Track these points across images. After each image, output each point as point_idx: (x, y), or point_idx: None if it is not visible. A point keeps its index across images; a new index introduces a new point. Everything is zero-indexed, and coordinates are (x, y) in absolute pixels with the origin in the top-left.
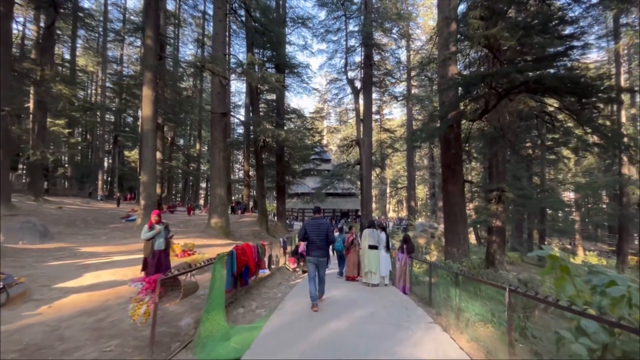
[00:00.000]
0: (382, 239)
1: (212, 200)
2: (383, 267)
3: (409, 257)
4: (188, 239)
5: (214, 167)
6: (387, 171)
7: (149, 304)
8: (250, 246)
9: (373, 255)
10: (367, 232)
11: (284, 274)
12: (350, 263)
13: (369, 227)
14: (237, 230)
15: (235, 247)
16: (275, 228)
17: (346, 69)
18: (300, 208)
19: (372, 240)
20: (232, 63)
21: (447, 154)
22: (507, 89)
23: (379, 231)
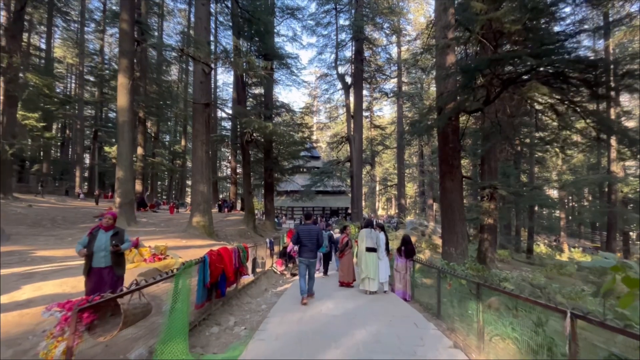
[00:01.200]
0: (381, 241)
1: (194, 198)
2: (382, 272)
3: (410, 261)
4: (166, 239)
5: (196, 162)
6: (376, 169)
7: (70, 340)
8: (229, 250)
9: (371, 259)
10: (364, 233)
11: (271, 278)
12: (344, 267)
13: (366, 226)
14: (222, 230)
15: (209, 253)
16: (263, 227)
17: (336, 63)
18: (289, 206)
19: (370, 242)
20: (218, 52)
21: (445, 148)
22: (514, 76)
23: (377, 231)
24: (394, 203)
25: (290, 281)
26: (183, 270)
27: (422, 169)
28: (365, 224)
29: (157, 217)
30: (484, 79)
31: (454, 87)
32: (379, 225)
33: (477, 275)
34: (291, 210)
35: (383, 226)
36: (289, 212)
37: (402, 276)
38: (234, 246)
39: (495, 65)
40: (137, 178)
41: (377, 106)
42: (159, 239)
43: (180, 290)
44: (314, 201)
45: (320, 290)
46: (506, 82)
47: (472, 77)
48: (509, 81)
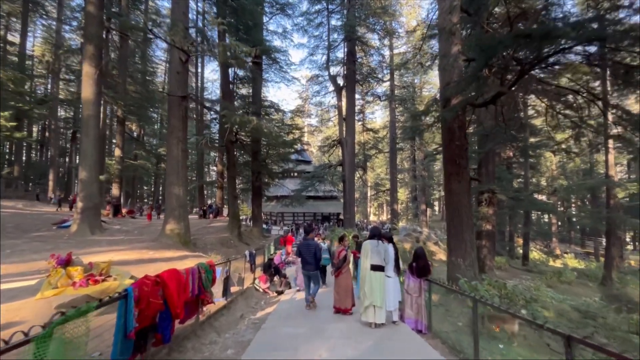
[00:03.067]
0: (389, 256)
1: (168, 202)
2: (391, 297)
3: (425, 281)
4: (129, 251)
5: (171, 162)
6: (368, 174)
7: None
8: (179, 274)
9: (377, 280)
10: (368, 246)
11: (250, 299)
12: (341, 289)
13: (371, 237)
14: (202, 238)
15: (140, 282)
16: (249, 234)
17: (328, 64)
18: (279, 212)
19: (377, 258)
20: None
21: (450, 146)
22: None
23: (385, 243)
24: (386, 209)
25: (275, 301)
26: (52, 328)
27: (415, 173)
28: (370, 233)
29: (133, 223)
30: (498, 65)
31: (460, 78)
32: (386, 235)
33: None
34: (281, 216)
35: (391, 237)
36: (279, 217)
37: (414, 300)
38: (195, 266)
39: (520, 44)
40: (115, 181)
41: (369, 110)
42: (121, 251)
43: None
44: (305, 206)
45: (309, 319)
46: (526, 68)
47: (490, 57)
48: (532, 63)
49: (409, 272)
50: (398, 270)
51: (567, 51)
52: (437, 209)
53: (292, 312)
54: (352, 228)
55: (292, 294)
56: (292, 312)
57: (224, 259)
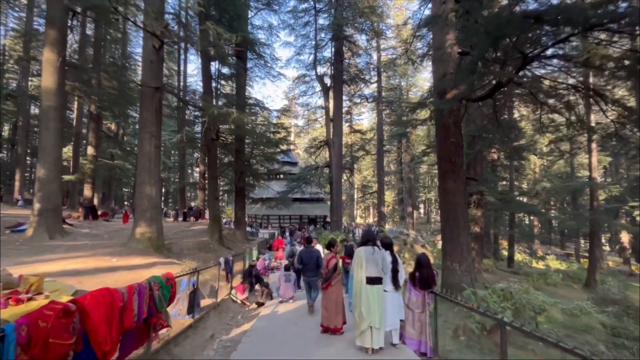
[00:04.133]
0: (387, 265)
1: (138, 203)
2: (390, 315)
3: (429, 294)
4: (90, 258)
5: (142, 159)
6: (355, 177)
7: None
8: (114, 296)
9: (374, 295)
10: (362, 254)
11: (225, 314)
12: (330, 304)
13: (364, 243)
14: (178, 242)
15: (34, 314)
16: (232, 238)
17: (315, 64)
18: (264, 214)
19: (374, 269)
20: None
21: (445, 143)
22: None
23: (382, 251)
24: (372, 211)
25: (254, 315)
26: None
27: (401, 176)
28: (363, 238)
29: (106, 227)
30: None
31: (456, 70)
32: (385, 241)
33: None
34: (267, 219)
35: (390, 242)
36: (264, 220)
37: (417, 317)
38: (144, 281)
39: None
40: (87, 182)
41: (356, 112)
42: (79, 258)
43: None
44: (291, 209)
45: (292, 341)
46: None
47: (496, 39)
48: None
49: (411, 284)
50: (396, 284)
51: (581, 35)
52: (422, 211)
53: (273, 331)
54: (340, 231)
55: (274, 306)
56: (273, 331)
57: (197, 267)
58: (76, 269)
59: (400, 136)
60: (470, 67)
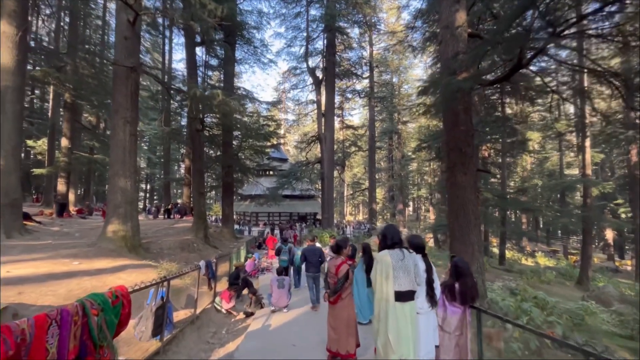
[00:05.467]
0: (420, 274)
1: (110, 197)
2: (425, 342)
3: (468, 310)
4: (48, 260)
5: (115, 148)
6: (345, 174)
7: None
8: (7, 334)
9: (408, 318)
10: (389, 259)
11: (206, 329)
12: (340, 324)
13: (392, 245)
14: (158, 242)
15: None
16: (219, 236)
17: (307, 56)
18: (253, 212)
19: (405, 280)
20: None
21: (454, 131)
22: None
23: (412, 254)
24: (362, 209)
25: (242, 328)
26: None
27: (392, 173)
28: (387, 238)
29: (81, 224)
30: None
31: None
32: (414, 242)
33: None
34: (255, 216)
35: (422, 244)
36: (253, 217)
37: (455, 341)
38: (75, 303)
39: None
40: (61, 176)
41: (348, 107)
42: (33, 261)
43: None
44: (281, 206)
45: None
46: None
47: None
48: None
49: (446, 298)
50: (433, 300)
51: None
52: (411, 209)
53: (265, 355)
54: (331, 228)
55: (265, 317)
56: (265, 355)
57: (168, 275)
58: (22, 275)
59: (391, 133)
60: (497, 37)
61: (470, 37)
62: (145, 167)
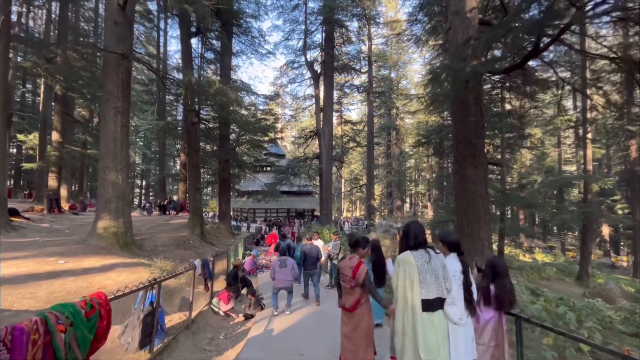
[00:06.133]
0: (450, 278)
1: (101, 192)
2: (462, 355)
3: (504, 315)
4: (33, 259)
5: (106, 139)
6: (343, 170)
7: None
8: None
9: (439, 329)
10: (413, 261)
11: (202, 334)
12: (357, 334)
13: (415, 246)
14: (153, 238)
15: None
16: (216, 232)
17: (305, 50)
18: (250, 208)
19: (433, 287)
20: None
21: (464, 122)
22: None
23: (439, 255)
24: (359, 205)
25: (241, 333)
26: None
27: (390, 169)
28: (410, 238)
29: (73, 221)
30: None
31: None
32: (447, 239)
33: None
34: (253, 212)
35: (457, 242)
36: (250, 214)
37: (490, 354)
38: (33, 319)
39: None
40: (52, 171)
41: (346, 101)
42: (17, 259)
43: None
44: (278, 202)
45: None
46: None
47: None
48: None
49: (480, 304)
50: (472, 308)
51: None
52: (407, 205)
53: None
54: (330, 224)
55: (267, 320)
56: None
57: (159, 278)
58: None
59: (389, 129)
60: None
61: (482, 24)
62: (140, 162)
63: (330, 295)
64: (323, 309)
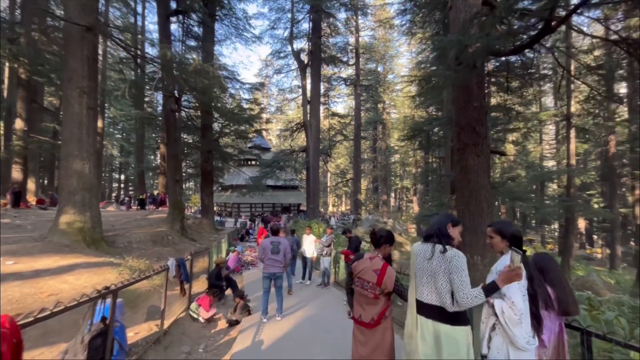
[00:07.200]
0: (461, 287)
1: (64, 183)
2: None
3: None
4: None
5: (69, 123)
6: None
7: None
8: None
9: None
10: (414, 252)
11: (177, 347)
12: (380, 352)
13: (425, 237)
14: (126, 235)
15: None
16: (198, 228)
17: (291, 39)
18: (235, 202)
19: (427, 289)
20: None
21: (466, 108)
22: None
23: (455, 255)
24: (345, 200)
25: (225, 344)
26: None
27: (376, 163)
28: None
29: (39, 216)
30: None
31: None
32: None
33: None
34: (237, 207)
35: (519, 235)
36: (234, 209)
37: None
38: None
39: None
40: (16, 162)
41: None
42: None
43: None
44: (263, 197)
45: None
46: None
47: None
48: None
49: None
50: (540, 324)
51: None
52: (392, 200)
53: None
54: (317, 219)
55: (256, 328)
56: None
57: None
58: None
59: (375, 123)
60: None
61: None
62: (118, 155)
63: (321, 296)
64: (317, 313)
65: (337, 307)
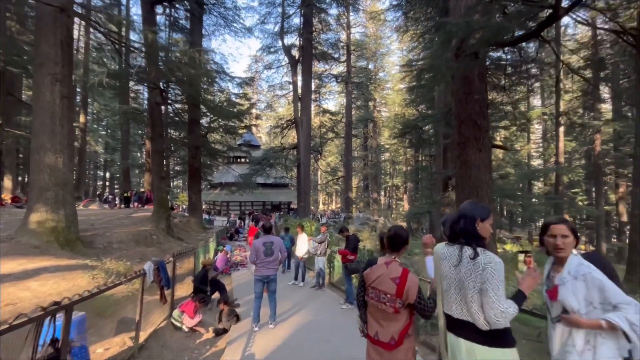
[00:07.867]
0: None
1: (35, 178)
2: None
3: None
4: None
5: (40, 113)
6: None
7: None
8: None
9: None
10: (438, 255)
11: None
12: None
13: (451, 237)
14: (107, 234)
15: None
16: (185, 226)
17: (282, 34)
18: (224, 201)
19: (455, 301)
20: None
21: (467, 100)
22: None
23: (488, 262)
24: (335, 198)
25: (211, 355)
26: None
27: (367, 161)
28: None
29: (12, 215)
30: None
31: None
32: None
33: None
34: (226, 205)
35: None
36: (223, 207)
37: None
38: None
39: None
40: None
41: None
42: None
43: None
44: (253, 195)
45: None
46: None
47: None
48: None
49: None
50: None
51: None
52: (382, 198)
53: None
54: (308, 217)
55: (246, 337)
56: None
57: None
58: None
59: (366, 121)
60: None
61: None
62: (103, 152)
63: (316, 299)
64: (314, 319)
65: (334, 311)
